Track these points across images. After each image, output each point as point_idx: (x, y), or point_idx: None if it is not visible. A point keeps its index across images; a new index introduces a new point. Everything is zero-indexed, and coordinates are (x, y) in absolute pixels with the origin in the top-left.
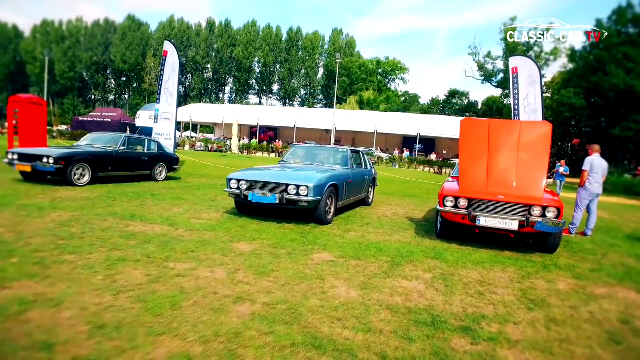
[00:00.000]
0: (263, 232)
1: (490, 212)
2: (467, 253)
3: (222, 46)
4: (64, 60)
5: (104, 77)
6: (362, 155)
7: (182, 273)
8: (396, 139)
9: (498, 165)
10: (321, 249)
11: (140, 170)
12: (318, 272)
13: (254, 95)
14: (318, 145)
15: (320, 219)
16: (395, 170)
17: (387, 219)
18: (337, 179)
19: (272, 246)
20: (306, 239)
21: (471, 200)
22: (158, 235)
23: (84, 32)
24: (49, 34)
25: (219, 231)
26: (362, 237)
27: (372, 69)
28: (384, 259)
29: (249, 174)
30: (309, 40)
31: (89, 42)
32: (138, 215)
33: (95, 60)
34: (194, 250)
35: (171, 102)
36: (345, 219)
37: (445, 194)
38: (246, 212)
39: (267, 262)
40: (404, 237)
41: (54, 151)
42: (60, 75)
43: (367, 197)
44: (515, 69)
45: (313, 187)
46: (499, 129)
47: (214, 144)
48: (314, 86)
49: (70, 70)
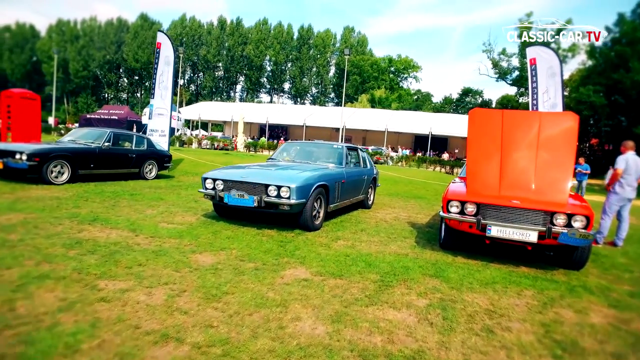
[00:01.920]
0: (236, 240)
1: (504, 220)
2: (475, 269)
3: (234, 44)
4: (77, 59)
5: (116, 75)
6: (361, 152)
7: (109, 296)
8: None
9: (513, 164)
10: (297, 263)
11: (127, 168)
12: (283, 296)
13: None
14: (310, 142)
15: (306, 225)
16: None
17: (386, 225)
18: (327, 179)
19: (240, 258)
20: (283, 250)
21: (480, 205)
22: (109, 243)
23: (98, 31)
24: (64, 33)
25: (185, 238)
26: (351, 247)
27: (384, 67)
28: (371, 277)
29: (226, 172)
30: (320, 38)
31: (102, 41)
32: (101, 218)
33: (108, 58)
34: (141, 264)
35: (165, 97)
36: (336, 224)
37: (450, 197)
38: (226, 215)
39: (224, 280)
40: (401, 248)
41: (28, 147)
42: (74, 73)
43: (366, 199)
44: (534, 60)
45: (296, 188)
46: (515, 121)
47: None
48: (325, 84)
49: (84, 69)
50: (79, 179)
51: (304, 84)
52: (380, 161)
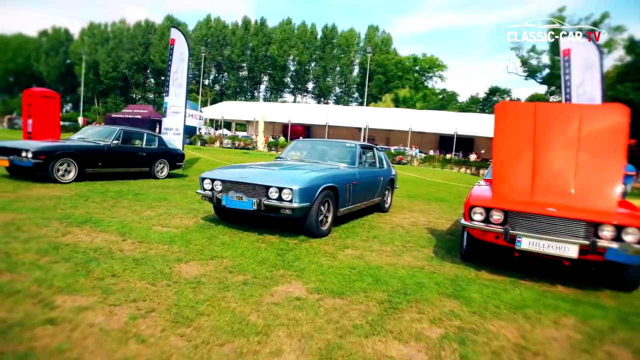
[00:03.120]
0: (231, 247)
1: (537, 230)
2: (501, 288)
3: (257, 44)
4: (107, 60)
5: (143, 76)
6: (377, 152)
7: (60, 317)
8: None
9: (548, 165)
10: (293, 277)
11: (137, 167)
12: (267, 320)
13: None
14: (322, 140)
15: (311, 231)
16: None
17: (402, 231)
18: (336, 180)
19: (229, 269)
20: (281, 260)
21: (509, 213)
22: (90, 249)
23: (126, 33)
24: (95, 36)
25: (175, 244)
26: (359, 257)
27: (409, 66)
28: (377, 296)
29: (226, 172)
30: (344, 37)
31: (130, 43)
32: (94, 220)
33: (135, 60)
34: (116, 274)
35: (180, 95)
36: (347, 229)
37: (473, 203)
38: (227, 218)
39: (203, 297)
40: (417, 259)
41: (34, 144)
42: (104, 75)
43: (382, 202)
44: (567, 52)
45: (299, 190)
46: (550, 115)
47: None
48: (349, 84)
49: (113, 70)
50: (87, 177)
51: (327, 84)
52: (403, 161)
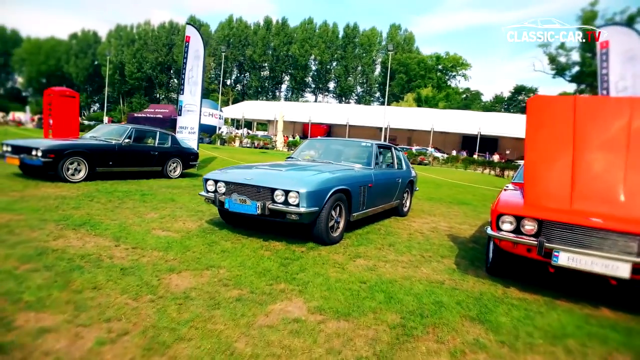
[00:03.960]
0: (231, 255)
1: (578, 244)
2: (535, 310)
3: (279, 44)
4: (132, 61)
5: (167, 76)
6: (396, 152)
7: (13, 342)
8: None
9: (590, 166)
10: (295, 292)
11: (149, 166)
12: (256, 349)
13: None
14: (336, 139)
15: (320, 237)
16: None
17: (421, 238)
18: (349, 182)
19: (224, 282)
20: (284, 271)
21: (544, 223)
22: (78, 256)
23: (151, 35)
24: (121, 37)
25: (172, 251)
26: (372, 268)
27: (432, 65)
28: (389, 318)
29: (230, 173)
30: (365, 36)
31: (154, 44)
32: (92, 222)
33: (160, 60)
34: (97, 287)
35: (195, 93)
36: (360, 236)
37: (502, 210)
38: (234, 222)
39: (188, 316)
40: (436, 272)
41: (44, 143)
42: (129, 75)
43: (400, 206)
44: (606, 44)
45: (307, 193)
46: (593, 110)
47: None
48: (371, 84)
49: (138, 71)
50: (98, 176)
51: (348, 83)
52: (425, 162)
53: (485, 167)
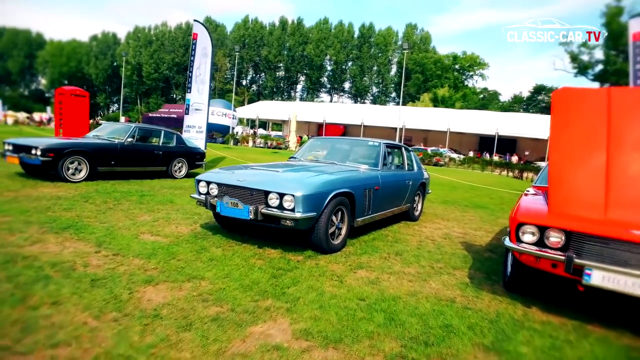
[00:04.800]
0: (219, 264)
1: (615, 261)
2: (563, 337)
3: (294, 44)
4: (150, 62)
5: (183, 76)
6: (407, 152)
7: None
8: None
9: (629, 169)
10: (281, 311)
11: (153, 166)
12: None
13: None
14: (342, 138)
15: (319, 245)
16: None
17: (432, 246)
18: (352, 185)
19: (204, 297)
20: (274, 284)
21: (573, 234)
22: (51, 263)
23: (168, 36)
24: (139, 39)
25: (155, 259)
26: (374, 282)
27: (448, 65)
28: (387, 346)
29: (223, 174)
30: (381, 36)
31: (171, 45)
32: (79, 225)
33: (176, 61)
34: (57, 301)
35: (203, 92)
36: (365, 242)
37: (522, 219)
38: (230, 226)
39: (152, 340)
40: (446, 286)
41: (43, 141)
42: (146, 76)
43: (411, 210)
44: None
45: (303, 197)
46: (632, 103)
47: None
48: (386, 84)
49: (155, 72)
50: (100, 176)
51: (364, 83)
52: (440, 163)
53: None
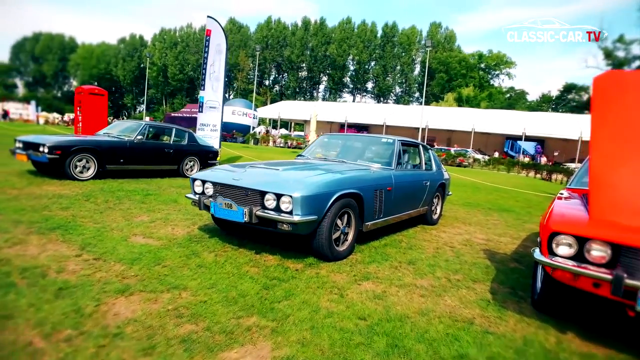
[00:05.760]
0: (208, 271)
1: None
2: None
3: (317, 44)
4: (175, 63)
5: None
6: (424, 151)
7: None
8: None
9: None
10: (265, 332)
11: (164, 164)
12: None
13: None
14: (354, 135)
15: (321, 252)
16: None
17: (450, 253)
18: (360, 185)
19: (180, 311)
20: (264, 297)
21: (623, 248)
22: (22, 268)
23: (193, 37)
24: (165, 40)
25: (138, 264)
26: (380, 297)
27: (474, 64)
28: None
29: (218, 172)
30: (405, 35)
31: (196, 46)
32: (69, 226)
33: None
34: (9, 316)
35: (217, 89)
36: (376, 249)
37: (556, 227)
38: (229, 228)
39: None
40: (464, 304)
41: (51, 139)
42: (172, 77)
43: (429, 212)
44: None
45: (302, 198)
46: None
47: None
48: (410, 83)
49: (180, 73)
50: (108, 174)
51: (387, 83)
52: (464, 164)
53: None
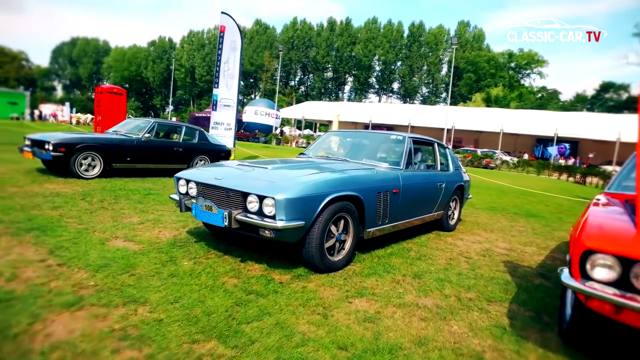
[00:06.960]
0: (179, 282)
1: None
2: None
3: (342, 45)
4: (202, 65)
5: None
6: (440, 149)
7: None
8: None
9: None
10: None
11: (173, 163)
12: None
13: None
14: (361, 132)
15: (311, 262)
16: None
17: (465, 265)
18: (359, 187)
19: (125, 332)
20: (233, 315)
21: None
22: None
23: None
24: (193, 42)
25: (104, 272)
26: (371, 319)
27: (503, 63)
28: None
29: (203, 171)
30: (432, 34)
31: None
32: (49, 227)
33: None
34: None
35: (232, 87)
36: (380, 258)
37: (592, 244)
38: (220, 232)
39: None
40: (474, 331)
41: (56, 136)
42: (199, 78)
43: (445, 217)
44: None
45: (286, 200)
46: None
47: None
48: (437, 84)
49: (207, 74)
50: (115, 173)
51: (413, 84)
52: (491, 165)
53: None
